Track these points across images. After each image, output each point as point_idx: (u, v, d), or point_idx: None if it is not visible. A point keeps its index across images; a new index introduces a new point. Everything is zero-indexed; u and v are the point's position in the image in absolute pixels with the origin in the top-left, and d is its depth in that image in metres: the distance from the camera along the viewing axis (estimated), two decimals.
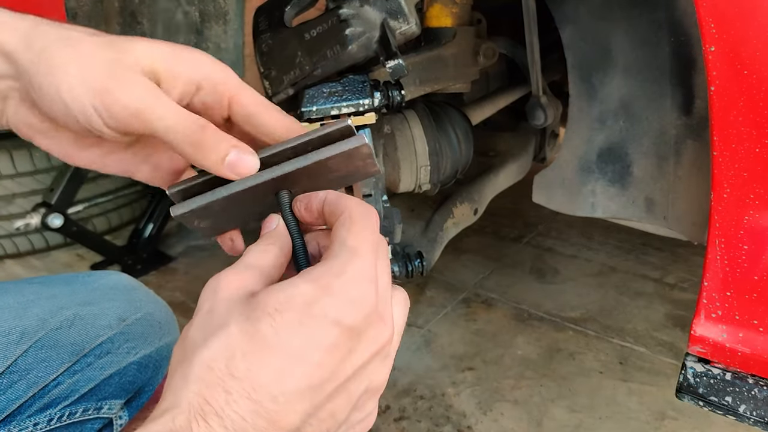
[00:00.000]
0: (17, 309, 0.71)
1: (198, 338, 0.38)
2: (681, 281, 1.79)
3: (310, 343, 0.37)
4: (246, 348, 0.36)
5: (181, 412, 0.35)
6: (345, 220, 0.42)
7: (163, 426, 0.35)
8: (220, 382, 0.36)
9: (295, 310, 0.37)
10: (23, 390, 0.67)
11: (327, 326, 0.37)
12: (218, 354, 0.36)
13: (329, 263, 0.39)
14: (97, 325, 0.75)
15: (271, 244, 0.44)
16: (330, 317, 0.37)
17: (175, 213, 0.45)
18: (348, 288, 0.38)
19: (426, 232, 1.18)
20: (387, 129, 1.06)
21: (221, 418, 0.35)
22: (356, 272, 0.39)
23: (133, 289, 0.85)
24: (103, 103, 0.41)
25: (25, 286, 0.76)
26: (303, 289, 0.37)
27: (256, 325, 0.36)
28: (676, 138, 0.92)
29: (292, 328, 0.36)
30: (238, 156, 0.43)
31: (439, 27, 1.09)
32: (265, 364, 0.36)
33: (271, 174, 0.44)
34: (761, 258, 0.64)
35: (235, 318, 0.37)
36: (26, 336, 0.69)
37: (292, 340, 0.36)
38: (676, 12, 0.84)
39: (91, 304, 0.77)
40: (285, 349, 0.36)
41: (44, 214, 1.74)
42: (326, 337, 0.37)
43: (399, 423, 1.34)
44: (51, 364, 0.69)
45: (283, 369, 0.36)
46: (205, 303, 0.40)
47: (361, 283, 0.39)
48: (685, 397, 0.72)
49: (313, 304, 0.37)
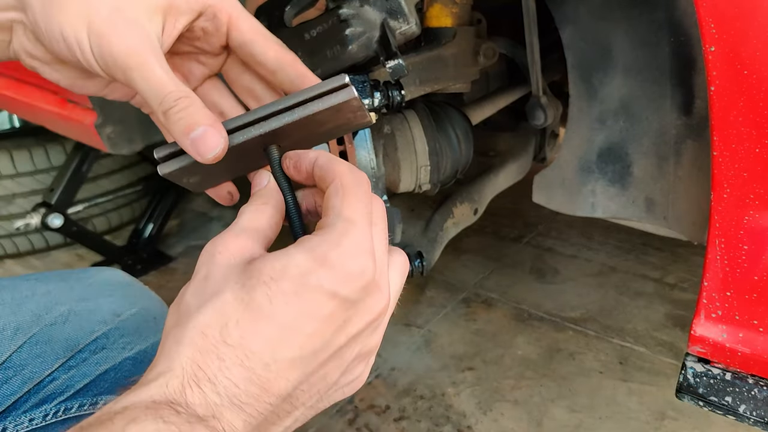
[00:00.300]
0: (12, 305, 0.71)
1: (193, 304, 0.38)
2: (681, 281, 1.79)
3: (305, 313, 0.37)
4: (240, 316, 0.36)
5: (175, 376, 0.35)
6: (338, 189, 0.41)
7: (157, 390, 0.35)
8: (214, 348, 0.36)
9: (290, 280, 0.37)
10: (18, 386, 0.67)
11: (323, 298, 0.37)
12: (212, 321, 0.36)
13: (325, 234, 0.39)
14: (91, 320, 0.75)
15: (264, 204, 0.44)
16: (326, 289, 0.37)
17: (163, 171, 0.44)
18: (345, 260, 0.38)
19: (426, 232, 1.18)
20: (387, 129, 1.06)
21: (214, 384, 0.35)
22: (353, 244, 0.38)
23: (128, 284, 0.85)
24: (99, 48, 0.41)
25: (20, 282, 0.76)
26: (299, 260, 0.37)
27: (251, 294, 0.37)
28: (676, 138, 0.92)
29: (287, 298, 0.37)
30: (204, 134, 0.41)
31: (439, 27, 1.09)
32: (259, 333, 0.36)
33: (259, 130, 0.43)
34: (761, 258, 0.64)
35: (231, 286, 0.37)
36: (21, 331, 0.69)
37: (287, 309, 0.37)
38: (676, 12, 0.84)
39: (86, 299, 0.77)
40: (279, 318, 0.36)
41: (44, 214, 1.74)
42: (321, 309, 0.37)
43: (399, 423, 1.34)
44: (46, 360, 0.69)
45: (276, 338, 0.36)
46: (201, 268, 0.40)
47: (359, 255, 0.38)
48: (685, 397, 0.72)
49: (309, 274, 0.37)
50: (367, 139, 0.87)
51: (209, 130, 0.41)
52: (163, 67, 0.41)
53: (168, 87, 0.41)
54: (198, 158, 0.41)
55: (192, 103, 0.41)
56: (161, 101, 0.41)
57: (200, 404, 0.35)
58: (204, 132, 0.41)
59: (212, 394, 0.35)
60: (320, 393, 0.40)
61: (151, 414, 0.33)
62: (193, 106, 0.41)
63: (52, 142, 1.90)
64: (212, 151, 0.41)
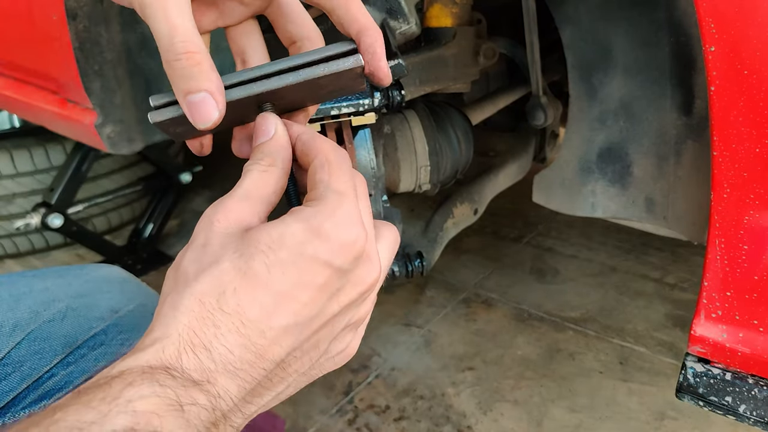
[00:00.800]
0: (10, 301, 0.71)
1: (191, 271, 0.38)
2: (681, 281, 1.79)
3: (301, 282, 0.38)
4: (237, 284, 0.37)
5: (171, 342, 0.36)
6: (324, 164, 0.41)
7: (153, 356, 0.36)
8: (210, 316, 0.36)
9: (287, 249, 0.37)
10: (17, 382, 0.67)
11: (318, 267, 0.38)
12: (210, 289, 0.37)
13: (319, 205, 0.39)
14: (90, 316, 0.75)
15: (271, 165, 0.42)
16: (322, 259, 0.38)
17: (153, 119, 0.43)
18: (339, 231, 0.39)
19: (426, 232, 1.18)
20: (387, 129, 1.06)
21: (209, 351, 0.36)
22: (345, 215, 0.39)
23: (126, 281, 0.86)
24: None
25: (18, 279, 0.76)
26: (296, 229, 0.38)
27: (249, 262, 0.37)
28: (676, 138, 0.92)
29: (283, 267, 0.37)
30: (203, 101, 0.39)
31: (439, 27, 1.09)
32: (255, 301, 0.37)
33: (258, 88, 0.42)
34: (761, 258, 0.64)
35: (229, 254, 0.38)
36: (19, 328, 0.69)
37: (283, 278, 0.37)
38: (676, 12, 0.84)
39: (84, 296, 0.77)
40: (275, 286, 0.37)
41: (44, 214, 1.74)
42: (317, 278, 0.38)
43: (399, 423, 1.34)
44: (44, 356, 0.70)
45: (272, 305, 0.37)
46: (200, 234, 0.40)
47: (351, 226, 0.39)
48: (685, 397, 0.72)
49: (305, 244, 0.38)
50: (367, 139, 0.87)
51: (208, 99, 0.40)
52: (181, 11, 0.39)
53: (179, 35, 0.39)
54: (191, 121, 0.40)
55: (198, 62, 0.39)
56: (168, 48, 0.39)
57: (195, 369, 0.36)
58: (203, 99, 0.39)
59: (207, 360, 0.36)
60: (312, 360, 0.41)
61: (147, 378, 0.34)
62: (198, 65, 0.39)
63: (52, 142, 1.90)
64: (206, 121, 0.40)
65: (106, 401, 0.33)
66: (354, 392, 1.44)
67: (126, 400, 0.33)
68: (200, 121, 0.40)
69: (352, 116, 0.82)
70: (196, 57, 0.39)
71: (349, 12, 0.44)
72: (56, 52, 1.05)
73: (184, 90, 0.40)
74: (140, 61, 1.12)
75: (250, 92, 0.42)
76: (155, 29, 0.39)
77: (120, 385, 0.34)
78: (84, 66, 1.04)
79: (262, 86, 0.42)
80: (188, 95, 0.40)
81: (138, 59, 1.11)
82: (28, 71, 1.25)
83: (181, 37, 0.39)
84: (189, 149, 0.51)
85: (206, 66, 0.39)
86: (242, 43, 0.49)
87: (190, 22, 0.39)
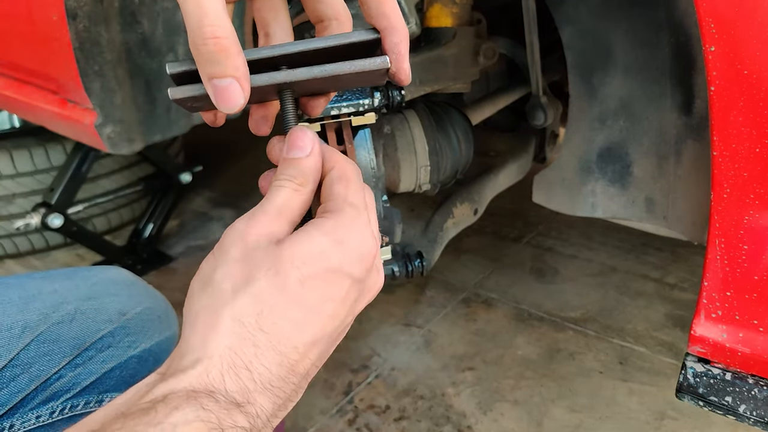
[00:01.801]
0: (19, 303, 0.72)
1: (226, 288, 0.38)
2: (681, 281, 1.79)
3: (327, 296, 0.39)
4: (273, 302, 0.38)
5: (214, 365, 0.37)
6: (340, 177, 0.43)
7: (196, 379, 0.36)
8: (250, 336, 0.37)
9: (316, 264, 0.39)
10: (25, 383, 0.67)
11: (341, 279, 0.40)
12: (249, 308, 0.38)
13: (338, 218, 0.41)
14: (98, 319, 0.76)
15: (304, 186, 0.42)
16: (344, 271, 0.40)
17: (174, 96, 0.43)
18: (358, 244, 0.40)
19: (426, 232, 1.18)
20: (387, 129, 1.06)
21: (250, 371, 0.37)
22: (361, 228, 0.41)
23: (133, 283, 0.86)
24: None
25: (27, 281, 0.77)
26: (323, 244, 0.39)
27: (285, 280, 0.38)
28: (676, 138, 0.92)
29: (314, 282, 0.39)
30: (229, 87, 0.39)
31: (439, 27, 1.09)
32: (289, 317, 0.38)
33: (283, 77, 0.42)
34: (761, 258, 0.64)
35: (264, 272, 0.38)
36: (28, 330, 0.69)
37: (313, 293, 0.39)
38: (676, 12, 0.84)
39: (92, 298, 0.78)
40: (306, 302, 0.39)
41: (44, 214, 1.74)
42: (340, 290, 0.40)
43: (399, 423, 1.34)
44: (53, 358, 0.70)
45: (303, 321, 0.39)
46: (231, 248, 0.40)
47: (367, 238, 0.41)
48: (685, 397, 0.72)
49: (330, 258, 0.39)
50: (367, 139, 0.87)
51: (234, 85, 0.39)
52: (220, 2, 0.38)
53: (208, 19, 0.38)
54: (215, 105, 0.40)
55: (226, 48, 0.38)
56: (196, 31, 0.38)
57: (237, 391, 0.36)
58: (229, 85, 0.39)
59: (248, 380, 0.37)
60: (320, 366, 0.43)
61: (191, 402, 0.35)
62: (225, 51, 0.38)
63: (52, 142, 1.90)
64: (231, 107, 0.40)
65: (152, 425, 0.34)
66: (354, 392, 1.44)
67: (171, 424, 0.34)
68: (225, 106, 0.40)
69: (352, 116, 0.82)
70: (224, 42, 0.38)
71: (381, 6, 0.44)
72: (56, 52, 1.05)
73: (209, 74, 0.39)
74: (140, 61, 1.12)
75: (275, 80, 0.42)
76: (185, 10, 0.38)
77: (165, 409, 0.34)
78: (84, 66, 1.04)
79: (287, 76, 0.42)
80: (213, 79, 0.39)
81: (138, 59, 1.11)
82: (28, 71, 1.25)
83: (210, 21, 0.38)
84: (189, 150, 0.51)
85: (234, 51, 0.39)
86: (267, 16, 0.49)
87: (221, 7, 0.38)
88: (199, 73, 0.40)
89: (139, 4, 1.06)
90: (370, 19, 0.44)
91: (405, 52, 0.45)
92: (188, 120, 1.24)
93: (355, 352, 1.56)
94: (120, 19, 1.05)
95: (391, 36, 0.44)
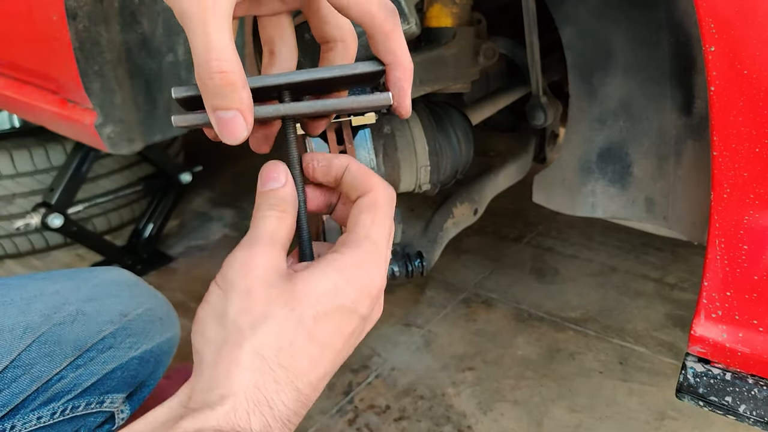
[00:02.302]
0: (20, 304, 0.72)
1: (243, 323, 0.39)
2: (681, 281, 1.79)
3: (338, 332, 0.41)
4: (292, 338, 0.39)
5: (240, 403, 0.37)
6: (371, 206, 0.44)
7: (224, 418, 0.37)
8: (271, 372, 0.38)
9: (330, 301, 0.40)
10: (27, 384, 0.68)
11: (350, 316, 0.41)
12: (269, 343, 0.39)
13: (355, 254, 0.42)
14: (99, 320, 0.76)
15: (284, 212, 0.44)
16: (353, 308, 0.41)
17: (177, 123, 0.44)
18: (368, 282, 0.42)
19: (426, 232, 1.18)
20: (387, 129, 1.06)
21: (271, 408, 0.38)
22: (375, 266, 0.42)
23: (134, 284, 0.86)
24: None
25: (28, 282, 0.77)
26: (337, 282, 0.41)
27: (301, 318, 0.39)
28: (676, 138, 0.92)
29: (327, 319, 0.40)
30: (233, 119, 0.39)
31: (439, 27, 1.09)
32: (305, 353, 0.39)
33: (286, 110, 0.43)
34: (761, 258, 0.64)
35: (281, 308, 0.39)
36: (30, 331, 0.69)
37: (326, 330, 0.40)
38: (676, 12, 0.84)
39: (94, 299, 0.78)
40: (320, 338, 0.40)
41: (44, 214, 1.74)
42: (349, 326, 0.41)
43: (399, 423, 1.34)
44: (54, 359, 0.70)
45: (318, 357, 0.40)
46: (238, 281, 0.41)
47: (378, 277, 0.43)
48: (685, 397, 0.72)
49: (342, 296, 0.41)
50: (367, 139, 0.87)
51: (238, 118, 0.39)
52: (220, 26, 0.38)
53: (215, 53, 0.38)
54: (219, 135, 0.41)
55: (232, 82, 0.39)
56: (202, 64, 0.38)
57: (261, 429, 0.37)
58: (233, 117, 0.39)
59: (270, 417, 0.38)
60: None
61: None
62: (232, 85, 0.39)
63: (52, 142, 1.90)
64: (234, 139, 0.40)
65: None
66: (354, 392, 1.44)
67: None
68: (228, 137, 0.40)
69: (352, 116, 0.82)
70: (231, 77, 0.38)
71: (387, 41, 0.44)
72: (56, 52, 1.05)
73: (214, 106, 0.40)
74: (140, 61, 1.12)
75: (279, 113, 0.43)
76: (192, 41, 0.38)
77: None
78: (84, 66, 1.03)
79: (290, 109, 0.44)
80: (218, 111, 0.40)
81: (138, 59, 1.11)
82: (28, 71, 1.25)
83: (217, 55, 0.38)
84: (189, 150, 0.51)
85: (240, 85, 0.39)
86: (273, 33, 0.49)
87: (228, 39, 0.38)
88: (204, 103, 0.41)
89: (139, 4, 1.06)
90: (376, 52, 0.45)
91: (408, 87, 0.45)
92: None
93: (355, 352, 1.56)
94: (120, 19, 1.05)
95: (395, 71, 0.45)
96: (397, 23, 0.44)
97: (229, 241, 2.21)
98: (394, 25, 0.43)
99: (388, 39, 0.44)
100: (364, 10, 0.42)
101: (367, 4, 0.42)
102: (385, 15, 0.43)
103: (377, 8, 0.42)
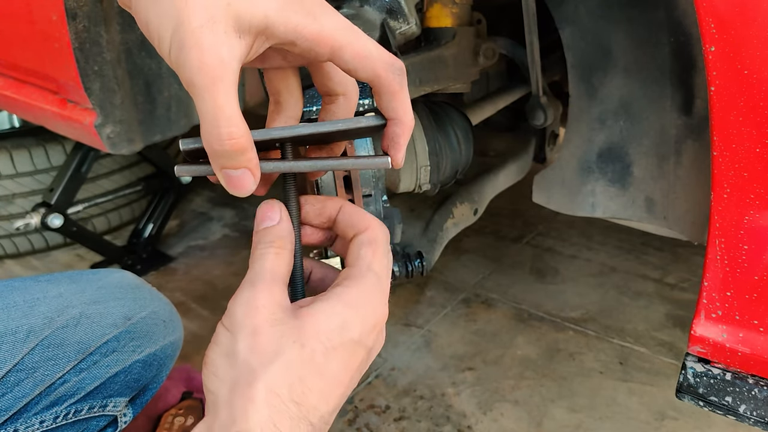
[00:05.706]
0: (24, 307, 0.71)
1: (254, 361, 0.40)
2: (681, 281, 1.79)
3: (346, 366, 0.43)
4: (303, 373, 0.40)
5: None
6: (371, 241, 0.46)
7: None
8: (285, 408, 0.39)
9: (339, 336, 0.42)
10: (30, 388, 0.67)
11: (357, 349, 0.43)
12: (281, 380, 0.40)
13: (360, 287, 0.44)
14: (103, 323, 0.76)
15: (282, 249, 0.45)
16: (360, 342, 0.43)
17: (180, 173, 0.45)
18: (373, 315, 0.44)
19: (426, 232, 1.18)
20: None
21: None
22: (379, 297, 0.44)
23: (138, 287, 0.86)
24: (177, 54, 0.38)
25: (32, 284, 0.76)
26: (345, 315, 0.42)
27: (311, 353, 0.41)
28: (676, 138, 0.92)
29: (336, 354, 0.42)
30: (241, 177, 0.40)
31: (439, 27, 1.09)
32: (316, 388, 0.41)
33: (289, 166, 0.45)
34: (761, 258, 0.64)
35: (290, 345, 0.40)
36: (33, 334, 0.69)
37: (335, 364, 0.42)
38: (676, 12, 0.84)
39: (97, 302, 0.78)
40: (330, 372, 0.41)
41: (44, 214, 1.74)
42: (356, 359, 0.43)
43: (399, 423, 1.34)
44: (57, 363, 0.70)
45: (328, 391, 0.41)
46: (245, 321, 0.41)
47: (382, 308, 0.45)
48: (685, 397, 0.72)
49: (349, 330, 0.42)
50: (367, 140, 0.87)
51: (246, 174, 0.41)
52: (228, 95, 0.38)
53: (224, 120, 0.38)
54: (226, 188, 0.42)
55: (241, 147, 0.39)
56: (211, 131, 0.39)
57: None
58: (241, 175, 0.41)
59: None
60: None
61: None
62: (241, 149, 0.39)
63: (52, 142, 1.90)
64: (242, 192, 0.41)
65: None
66: (354, 392, 1.44)
67: None
68: (236, 191, 0.41)
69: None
70: (240, 142, 0.39)
71: (393, 101, 0.45)
72: (56, 52, 1.05)
73: (222, 165, 0.41)
74: (140, 61, 1.12)
75: (282, 168, 0.45)
76: (200, 108, 0.39)
77: None
78: (84, 66, 1.03)
79: (293, 167, 0.46)
80: (225, 169, 0.41)
81: (138, 59, 1.11)
82: (28, 71, 1.24)
83: (227, 123, 0.38)
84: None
85: (248, 147, 0.40)
86: (279, 86, 0.50)
87: (235, 105, 0.39)
88: (210, 161, 0.41)
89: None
90: (380, 107, 0.46)
91: (404, 143, 0.47)
92: (188, 120, 1.24)
93: None
94: (120, 19, 1.05)
95: (396, 127, 0.46)
96: (403, 84, 0.45)
97: (229, 241, 2.21)
98: (401, 86, 0.44)
99: (393, 99, 0.45)
100: (372, 74, 0.43)
101: (375, 67, 0.43)
102: (393, 77, 0.44)
103: (384, 71, 0.43)
